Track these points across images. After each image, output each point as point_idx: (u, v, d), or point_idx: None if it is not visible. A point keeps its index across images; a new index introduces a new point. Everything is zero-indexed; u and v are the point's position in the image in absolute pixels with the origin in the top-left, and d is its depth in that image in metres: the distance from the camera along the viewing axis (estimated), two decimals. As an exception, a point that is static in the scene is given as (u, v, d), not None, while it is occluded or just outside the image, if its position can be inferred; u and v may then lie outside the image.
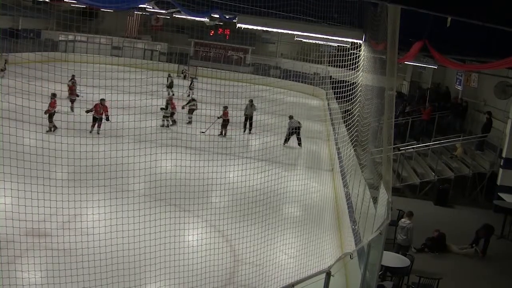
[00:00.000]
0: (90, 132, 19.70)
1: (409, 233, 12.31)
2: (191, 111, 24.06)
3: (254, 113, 23.86)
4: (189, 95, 30.70)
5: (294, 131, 22.63)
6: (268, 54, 47.72)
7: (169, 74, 33.40)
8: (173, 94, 29.75)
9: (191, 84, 32.85)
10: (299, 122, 22.54)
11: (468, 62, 17.68)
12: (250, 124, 23.92)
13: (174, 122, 22.82)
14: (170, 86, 32.15)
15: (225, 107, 21.86)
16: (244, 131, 23.70)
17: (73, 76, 25.12)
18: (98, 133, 19.71)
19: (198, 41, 46.85)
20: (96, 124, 20.14)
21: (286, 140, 22.46)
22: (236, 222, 10.82)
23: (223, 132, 22.28)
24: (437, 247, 13.48)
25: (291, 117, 22.70)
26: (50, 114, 19.09)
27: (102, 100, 19.49)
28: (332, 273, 6.22)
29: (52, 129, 18.93)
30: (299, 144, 22.34)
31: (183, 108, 24.22)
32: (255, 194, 12.06)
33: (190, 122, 23.83)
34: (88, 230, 10.21)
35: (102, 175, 10.56)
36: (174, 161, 11.89)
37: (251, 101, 23.76)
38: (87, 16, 34.65)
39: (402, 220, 12.62)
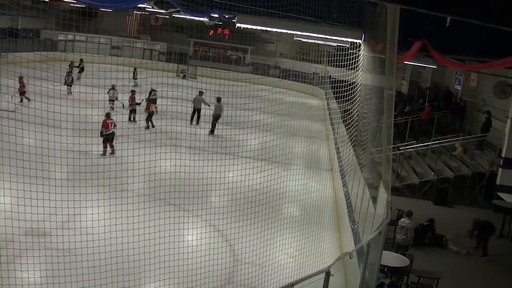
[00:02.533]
0: (104, 154, 17.27)
1: (408, 233, 12.32)
2: (152, 101, 24.26)
3: (203, 106, 23.92)
4: (135, 85, 30.74)
5: (214, 120, 22.85)
6: (267, 54, 47.71)
7: (78, 61, 33.52)
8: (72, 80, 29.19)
9: (134, 73, 32.83)
10: (222, 110, 22.93)
11: (467, 62, 17.68)
12: (198, 117, 23.94)
13: (21, 100, 22.22)
14: (80, 70, 32.51)
15: (149, 100, 22.01)
16: (191, 123, 23.52)
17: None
18: (114, 154, 17.37)
19: (198, 41, 46.86)
20: (108, 144, 17.58)
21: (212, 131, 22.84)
22: (236, 222, 10.82)
23: (149, 125, 21.80)
24: (432, 238, 13.62)
25: (219, 100, 22.88)
26: None
27: (108, 114, 17.96)
28: (332, 272, 6.22)
29: None
30: (212, 132, 22.75)
31: (145, 100, 24.27)
32: (254, 194, 12.06)
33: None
34: (88, 230, 10.22)
35: (102, 175, 10.57)
36: (174, 161, 11.89)
37: (201, 93, 23.75)
38: (86, 16, 34.65)
39: (402, 220, 12.63)
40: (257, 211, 11.18)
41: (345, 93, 14.18)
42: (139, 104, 22.95)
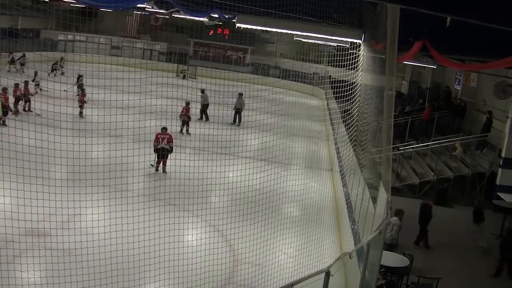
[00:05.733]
0: (156, 170, 16.31)
1: (394, 230, 12.08)
2: (80, 86, 25.76)
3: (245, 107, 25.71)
4: (62, 73, 31.92)
5: (203, 108, 25.20)
6: (267, 54, 47.72)
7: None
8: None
9: (61, 62, 33.85)
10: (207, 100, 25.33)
11: (467, 62, 17.68)
12: (239, 118, 25.84)
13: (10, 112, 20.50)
14: (22, 63, 32.74)
15: (4, 89, 21.29)
16: (234, 123, 25.63)
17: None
18: (165, 172, 16.30)
19: (198, 41, 46.86)
20: (162, 161, 16.38)
21: (202, 118, 25.13)
22: (236, 222, 10.82)
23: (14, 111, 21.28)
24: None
25: (203, 91, 25.55)
26: None
27: (165, 128, 16.84)
28: (332, 272, 6.21)
29: None
30: (207, 119, 25.15)
31: (74, 85, 25.73)
32: (254, 194, 12.06)
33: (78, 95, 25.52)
34: (88, 230, 10.21)
35: (102, 175, 10.56)
36: (174, 160, 11.88)
37: (240, 94, 25.68)
38: (86, 16, 34.66)
39: (393, 218, 12.48)
40: (257, 211, 11.18)
41: (345, 93, 14.18)
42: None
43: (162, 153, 16.09)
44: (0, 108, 19.05)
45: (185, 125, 22.27)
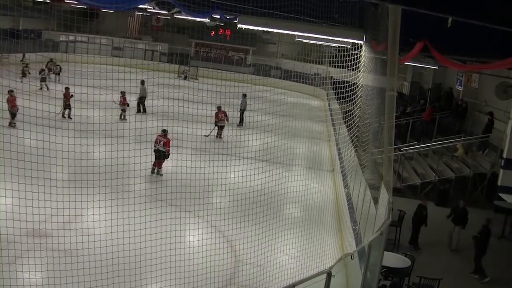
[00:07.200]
0: (152, 172, 16.11)
1: None
2: (43, 80, 27.46)
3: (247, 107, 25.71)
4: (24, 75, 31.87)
5: (141, 100, 25.03)
6: (269, 55, 47.72)
7: None
8: None
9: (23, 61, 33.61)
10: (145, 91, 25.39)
11: (469, 63, 17.67)
12: (242, 119, 25.74)
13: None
14: (50, 69, 32.35)
15: (10, 91, 21.51)
16: (240, 124, 25.49)
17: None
18: (161, 175, 16.12)
19: (199, 42, 46.87)
20: (156, 163, 16.13)
21: (139, 110, 24.54)
22: (237, 223, 10.81)
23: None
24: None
25: (142, 83, 25.19)
26: None
27: (164, 131, 16.22)
28: (333, 273, 6.21)
29: None
30: (144, 111, 24.62)
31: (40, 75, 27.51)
32: (256, 195, 12.05)
33: (41, 88, 26.40)
34: (89, 230, 10.22)
35: (103, 176, 10.56)
36: (175, 161, 11.88)
37: (244, 95, 25.71)
38: (87, 17, 34.67)
39: None
40: (259, 212, 11.17)
41: (346, 94, 14.18)
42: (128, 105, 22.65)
43: (158, 155, 16.03)
44: (8, 111, 19.08)
45: (221, 129, 21.97)
